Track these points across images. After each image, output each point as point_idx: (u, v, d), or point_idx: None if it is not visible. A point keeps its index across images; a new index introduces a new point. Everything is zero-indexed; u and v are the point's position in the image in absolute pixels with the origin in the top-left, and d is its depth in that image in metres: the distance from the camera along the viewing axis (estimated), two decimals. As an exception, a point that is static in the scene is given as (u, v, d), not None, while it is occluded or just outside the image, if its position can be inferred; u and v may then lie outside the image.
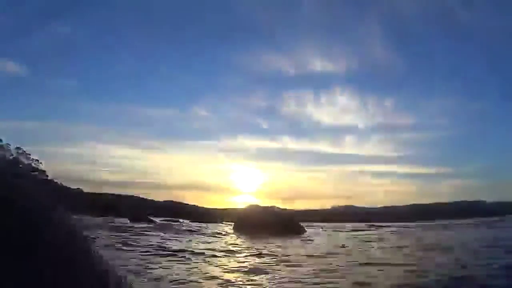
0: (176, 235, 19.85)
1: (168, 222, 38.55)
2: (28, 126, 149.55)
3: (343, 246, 18.10)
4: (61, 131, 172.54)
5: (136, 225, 26.27)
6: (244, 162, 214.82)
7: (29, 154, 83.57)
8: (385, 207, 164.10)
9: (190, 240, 17.87)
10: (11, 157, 79.58)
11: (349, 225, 55.04)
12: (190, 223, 42.67)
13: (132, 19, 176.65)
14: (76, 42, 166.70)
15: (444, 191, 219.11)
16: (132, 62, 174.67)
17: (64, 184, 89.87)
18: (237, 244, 15.24)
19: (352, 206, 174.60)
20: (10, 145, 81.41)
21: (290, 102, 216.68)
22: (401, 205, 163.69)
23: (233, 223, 33.50)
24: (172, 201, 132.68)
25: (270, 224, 27.08)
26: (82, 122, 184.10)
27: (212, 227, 35.28)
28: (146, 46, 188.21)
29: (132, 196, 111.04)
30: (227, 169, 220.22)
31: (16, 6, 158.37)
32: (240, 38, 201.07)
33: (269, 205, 33.86)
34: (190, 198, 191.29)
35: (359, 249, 16.48)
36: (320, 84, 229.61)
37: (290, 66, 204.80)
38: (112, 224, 26.46)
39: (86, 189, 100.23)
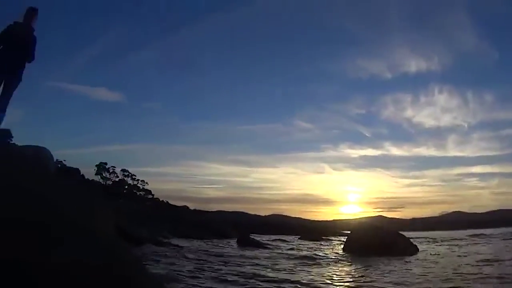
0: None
1: (276, 244, 36.92)
2: (132, 149, 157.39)
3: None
4: (164, 152, 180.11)
5: (245, 253, 25.05)
6: (347, 171, 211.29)
7: (135, 176, 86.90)
8: (494, 211, 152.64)
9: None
10: (117, 179, 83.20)
11: (462, 234, 50.79)
12: (298, 242, 41.12)
13: (223, 37, 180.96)
14: (167, 66, 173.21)
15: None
16: (227, 80, 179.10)
17: (170, 202, 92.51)
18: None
19: (460, 212, 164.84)
20: (115, 167, 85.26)
21: (389, 106, 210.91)
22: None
23: (342, 241, 31.95)
24: (276, 214, 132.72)
25: (385, 244, 25.14)
26: (185, 142, 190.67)
27: (321, 248, 33.54)
28: (239, 63, 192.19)
29: (237, 212, 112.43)
30: (331, 179, 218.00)
31: (105, 37, 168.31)
32: (332, 46, 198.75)
33: (375, 215, 31.99)
34: (295, 211, 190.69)
35: None
36: (417, 84, 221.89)
37: (385, 69, 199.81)
38: (220, 250, 25.51)
39: (192, 206, 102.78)
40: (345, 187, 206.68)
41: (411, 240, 28.67)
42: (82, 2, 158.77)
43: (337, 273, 16.25)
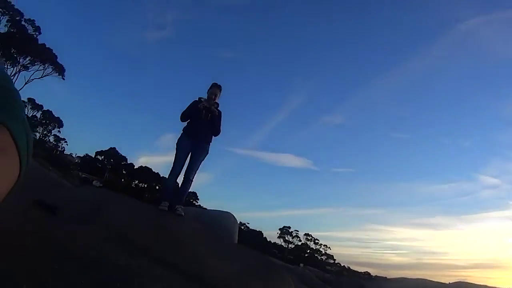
0: None
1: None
2: (316, 213, 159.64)
3: None
4: (347, 216, 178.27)
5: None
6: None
7: (317, 240, 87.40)
8: None
9: None
10: (299, 243, 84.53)
11: None
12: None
13: (395, 94, 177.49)
14: (349, 131, 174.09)
15: None
16: (403, 137, 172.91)
17: (352, 268, 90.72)
18: None
19: None
20: (298, 231, 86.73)
21: None
22: None
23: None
24: (461, 282, 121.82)
25: None
26: (363, 206, 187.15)
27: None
28: (414, 118, 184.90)
29: (419, 279, 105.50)
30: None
31: (290, 102, 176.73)
32: (505, 85, 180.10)
33: None
34: (480, 278, 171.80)
35: None
36: None
37: None
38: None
39: (373, 272, 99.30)
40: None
41: None
42: (263, 71, 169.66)
43: None
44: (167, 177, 7.92)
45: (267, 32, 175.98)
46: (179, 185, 7.85)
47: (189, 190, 8.35)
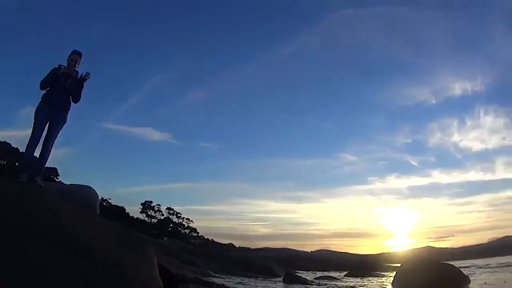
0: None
1: (323, 283, 35.92)
2: (177, 188, 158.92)
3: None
4: (212, 190, 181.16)
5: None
6: (395, 202, 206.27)
7: (180, 213, 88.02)
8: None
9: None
10: (162, 217, 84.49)
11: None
12: (345, 280, 39.72)
13: (264, 77, 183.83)
14: (213, 106, 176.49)
15: None
16: (273, 117, 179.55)
17: (216, 240, 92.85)
18: None
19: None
20: (160, 205, 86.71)
21: (435, 132, 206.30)
22: None
23: (391, 277, 30.72)
24: (323, 250, 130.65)
25: (434, 277, 23.94)
26: (228, 180, 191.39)
27: (369, 285, 32.44)
28: (283, 99, 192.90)
29: (283, 249, 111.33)
30: (378, 211, 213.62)
31: (152, 78, 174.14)
32: (375, 76, 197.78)
33: (423, 246, 30.44)
34: (342, 246, 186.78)
35: None
36: (462, 107, 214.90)
37: (430, 95, 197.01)
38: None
39: (238, 244, 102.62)
40: (392, 219, 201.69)
41: (461, 269, 27.26)
42: (126, 45, 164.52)
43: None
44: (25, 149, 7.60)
45: (136, 6, 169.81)
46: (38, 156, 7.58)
47: (49, 165, 8.11)
